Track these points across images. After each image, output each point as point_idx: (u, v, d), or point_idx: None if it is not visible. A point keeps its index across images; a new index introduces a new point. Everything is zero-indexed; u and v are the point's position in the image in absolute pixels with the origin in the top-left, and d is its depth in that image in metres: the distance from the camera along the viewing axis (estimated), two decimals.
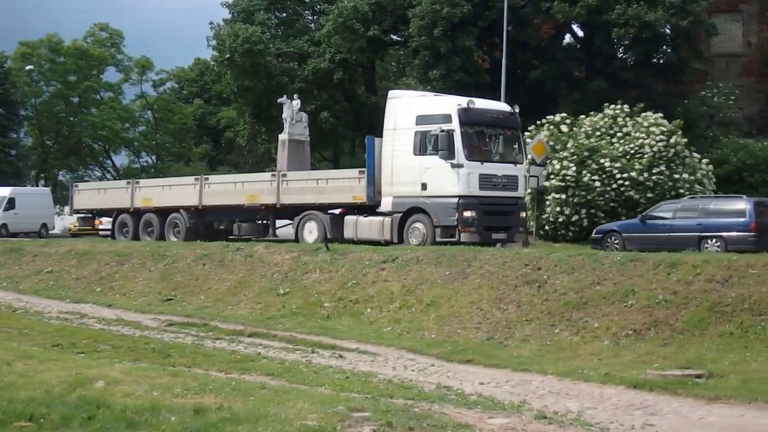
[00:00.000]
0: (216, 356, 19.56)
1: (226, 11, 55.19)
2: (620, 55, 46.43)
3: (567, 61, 47.72)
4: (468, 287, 23.56)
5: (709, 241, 27.58)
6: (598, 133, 36.69)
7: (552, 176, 34.80)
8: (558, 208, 34.85)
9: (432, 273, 24.91)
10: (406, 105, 31.35)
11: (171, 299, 28.77)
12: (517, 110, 32.01)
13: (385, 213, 30.89)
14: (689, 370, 16.78)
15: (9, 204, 52.87)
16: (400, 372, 18.18)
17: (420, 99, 32.12)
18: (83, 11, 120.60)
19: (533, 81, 45.16)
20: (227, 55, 49.89)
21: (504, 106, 32.11)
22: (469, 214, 29.04)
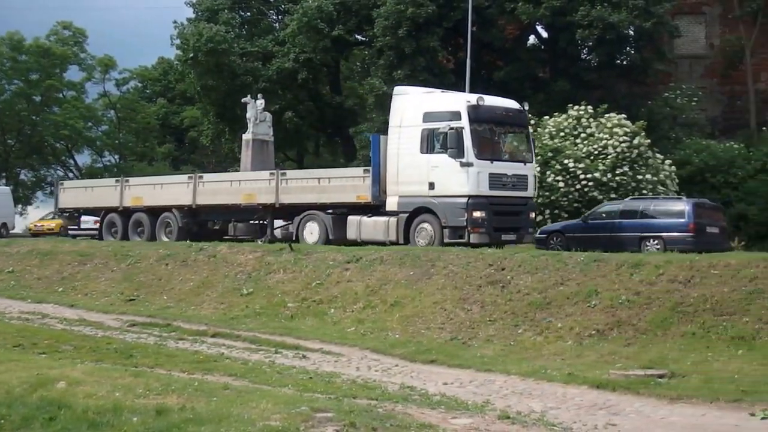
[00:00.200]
0: (179, 356, 19.49)
1: (190, 10, 55.00)
2: (584, 57, 46.58)
3: (531, 62, 47.86)
4: (432, 287, 23.58)
5: (650, 242, 27.93)
6: (562, 134, 36.82)
7: None
8: None
9: (396, 273, 24.91)
10: (413, 102, 30.43)
11: (134, 299, 28.62)
12: (527, 107, 31.42)
13: (390, 213, 29.93)
14: (652, 370, 16.88)
15: None
16: (364, 372, 18.18)
17: (427, 95, 31.17)
18: (46, 9, 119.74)
19: (497, 82, 45.17)
20: (191, 55, 49.64)
21: (513, 103, 31.02)
22: (479, 215, 28.01)
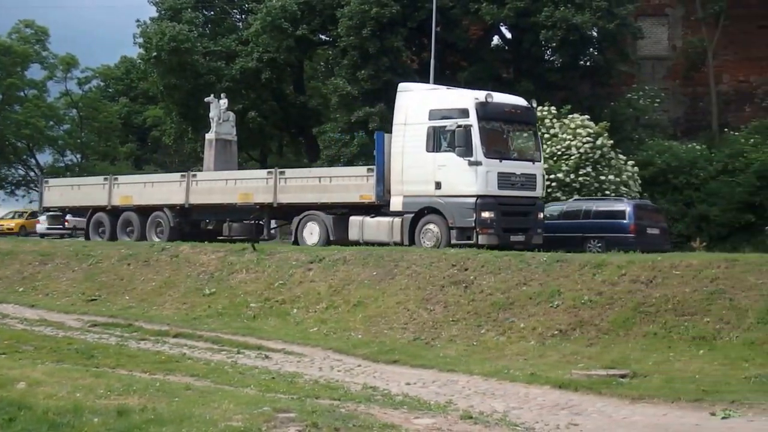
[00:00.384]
0: (140, 357, 19.38)
1: (153, 9, 54.74)
2: (548, 57, 46.65)
3: (495, 63, 47.93)
4: (395, 288, 23.58)
5: (592, 242, 28.51)
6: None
7: None
8: None
9: (359, 273, 24.90)
10: (418, 99, 29.55)
11: (95, 299, 28.49)
12: (535, 104, 31.03)
13: (393, 213, 29.20)
14: (614, 370, 16.93)
15: None
16: (327, 372, 18.15)
17: (433, 92, 30.46)
18: (7, 7, 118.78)
19: (462, 82, 45.07)
20: (154, 54, 49.32)
21: (521, 101, 30.37)
22: (488, 215, 27.18)
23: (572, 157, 35.39)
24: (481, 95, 28.35)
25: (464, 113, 27.75)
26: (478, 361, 18.58)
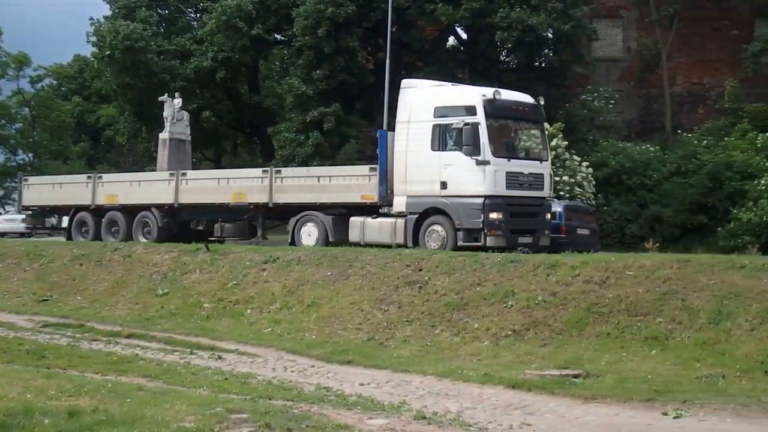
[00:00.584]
0: (92, 358, 19.25)
1: (107, 7, 54.41)
2: (503, 58, 46.83)
3: (450, 64, 48.02)
4: (349, 288, 23.53)
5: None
6: None
7: None
8: None
9: (313, 273, 24.83)
10: (423, 95, 28.56)
11: (47, 300, 28.20)
12: (542, 102, 30.60)
13: (394, 214, 28.29)
14: (567, 370, 16.98)
15: None
16: (280, 373, 18.09)
17: (438, 89, 29.40)
18: None
19: None
20: (107, 52, 48.91)
21: (528, 98, 29.69)
22: (496, 216, 26.30)
23: None
24: (489, 92, 27.50)
25: (471, 111, 26.86)
26: (432, 362, 18.58)
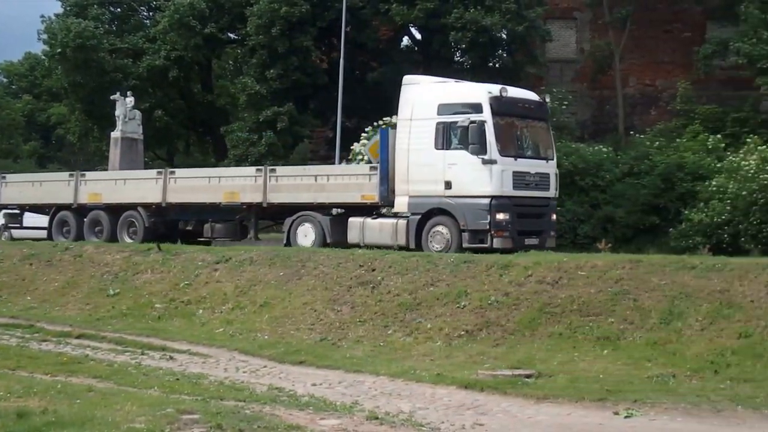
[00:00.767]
0: (42, 358, 19.11)
1: (59, 4, 53.93)
2: (457, 59, 46.82)
3: (405, 64, 47.83)
4: (302, 288, 23.49)
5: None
6: None
7: None
8: None
9: (266, 274, 24.77)
10: (426, 92, 27.92)
11: None
12: (548, 99, 30.16)
13: (391, 214, 27.60)
14: (519, 370, 17.03)
15: None
16: (232, 373, 18.03)
17: (442, 85, 28.69)
18: None
19: (371, 82, 45.23)
20: (59, 50, 48.41)
21: (534, 95, 29.11)
22: (503, 217, 25.58)
23: None
24: (495, 89, 26.86)
25: (477, 108, 26.12)
26: (385, 362, 18.57)
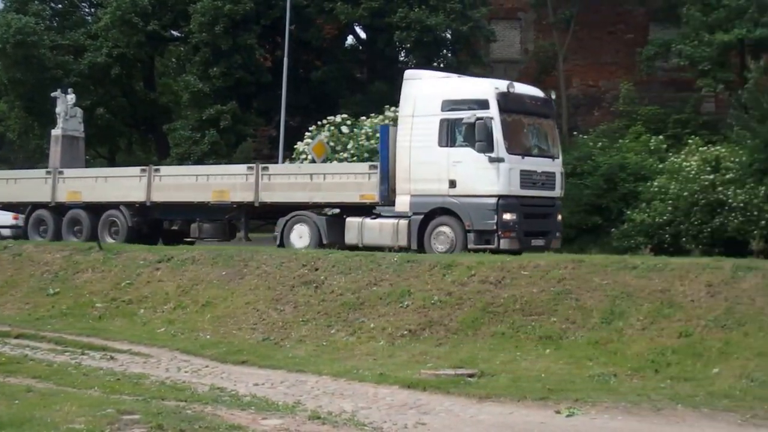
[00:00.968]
0: None
1: None
2: (402, 58, 47.00)
3: (349, 63, 48.11)
4: (244, 288, 23.41)
5: None
6: (378, 135, 36.99)
7: None
8: None
9: (208, 273, 24.65)
10: (428, 88, 26.80)
11: None
12: (554, 96, 29.55)
13: (390, 214, 26.58)
14: (462, 370, 17.05)
15: None
16: (173, 373, 17.91)
17: (446, 81, 27.66)
18: None
19: (315, 81, 45.23)
20: None
21: (540, 92, 28.04)
22: (510, 217, 24.76)
23: None
24: (502, 85, 26.06)
25: (483, 104, 25.21)
26: (328, 362, 18.54)
